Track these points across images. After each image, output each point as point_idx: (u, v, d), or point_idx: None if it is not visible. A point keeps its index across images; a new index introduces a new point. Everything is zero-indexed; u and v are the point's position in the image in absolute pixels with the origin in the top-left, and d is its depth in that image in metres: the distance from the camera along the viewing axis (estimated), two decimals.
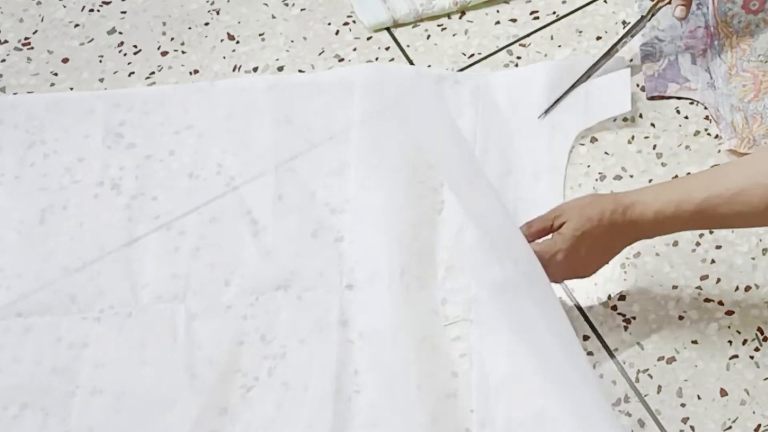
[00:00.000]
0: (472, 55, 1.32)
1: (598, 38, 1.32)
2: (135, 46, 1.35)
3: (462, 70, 1.31)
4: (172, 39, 1.36)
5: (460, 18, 1.36)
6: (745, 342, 1.10)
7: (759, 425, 1.05)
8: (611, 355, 1.10)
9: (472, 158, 1.10)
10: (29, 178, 1.24)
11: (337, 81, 1.30)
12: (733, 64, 1.25)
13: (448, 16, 1.36)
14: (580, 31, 1.32)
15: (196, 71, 1.33)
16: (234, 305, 1.15)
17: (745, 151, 1.20)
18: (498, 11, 1.35)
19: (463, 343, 1.11)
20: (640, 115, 1.26)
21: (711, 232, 1.16)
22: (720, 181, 1.00)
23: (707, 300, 1.12)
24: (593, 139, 1.24)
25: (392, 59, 1.32)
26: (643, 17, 1.26)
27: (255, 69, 1.33)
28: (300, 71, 1.32)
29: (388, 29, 1.35)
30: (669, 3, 1.25)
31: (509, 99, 1.27)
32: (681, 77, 1.27)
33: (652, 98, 1.26)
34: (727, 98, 1.23)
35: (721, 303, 1.12)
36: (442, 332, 1.12)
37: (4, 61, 1.35)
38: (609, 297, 1.13)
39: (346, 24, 1.36)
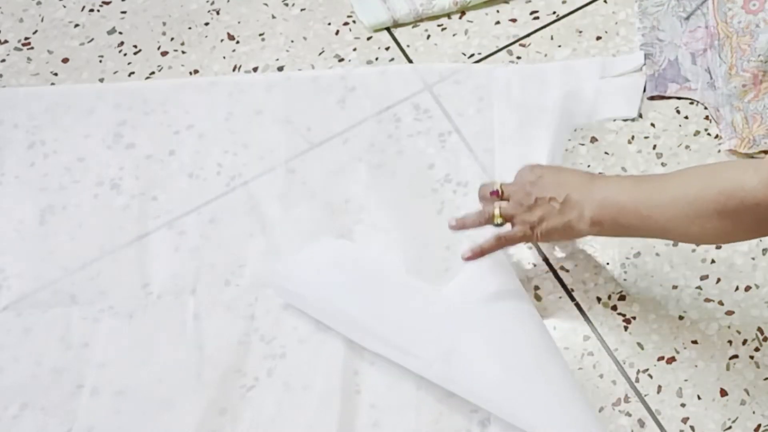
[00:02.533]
0: (472, 55, 1.32)
1: (598, 38, 1.32)
2: (135, 46, 1.35)
3: None
4: (172, 39, 1.36)
5: (460, 18, 1.35)
6: (745, 342, 1.10)
7: (759, 425, 1.05)
8: (611, 355, 1.10)
9: None
10: (29, 178, 1.24)
11: (337, 80, 1.30)
12: (733, 63, 1.25)
13: (448, 16, 1.36)
14: (580, 31, 1.32)
15: (196, 71, 1.33)
16: (234, 305, 1.15)
17: (745, 152, 1.20)
18: (498, 11, 1.35)
19: None
20: (640, 115, 1.25)
21: None
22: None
23: (707, 300, 1.12)
24: (593, 139, 1.24)
25: (392, 59, 1.32)
26: None
27: (255, 69, 1.33)
28: (300, 71, 1.32)
29: (388, 29, 1.35)
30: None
31: (522, 95, 1.27)
32: (681, 77, 1.27)
33: (652, 98, 1.26)
34: (727, 98, 1.23)
35: (721, 303, 1.12)
36: None
37: (4, 61, 1.35)
38: (609, 297, 1.13)
39: (346, 24, 1.36)
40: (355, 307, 1.11)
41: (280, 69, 1.33)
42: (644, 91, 1.27)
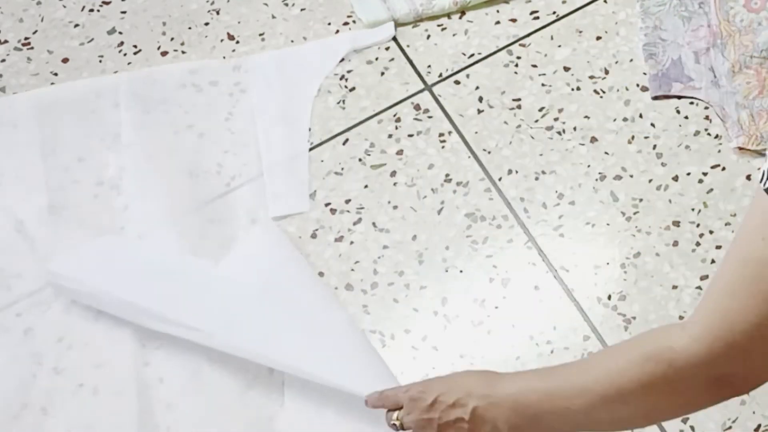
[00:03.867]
0: (472, 55, 1.32)
1: (598, 38, 1.32)
2: (135, 46, 1.35)
3: (462, 70, 1.31)
4: (172, 39, 1.36)
5: (460, 18, 1.35)
6: None
7: (759, 425, 1.05)
8: None
9: None
10: (29, 178, 1.24)
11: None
12: (736, 60, 1.24)
13: (448, 16, 1.36)
14: (580, 31, 1.32)
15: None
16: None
17: (754, 148, 1.20)
18: (498, 11, 1.35)
19: None
20: (640, 115, 1.25)
21: (711, 232, 1.16)
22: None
23: None
24: (593, 139, 1.24)
25: (392, 59, 1.32)
26: None
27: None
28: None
29: None
30: None
31: (281, 80, 1.30)
32: (685, 76, 1.27)
33: (655, 98, 1.26)
34: (732, 96, 1.23)
35: None
36: None
37: (4, 61, 1.35)
38: (609, 297, 1.13)
39: (346, 24, 1.36)
40: (136, 294, 1.11)
41: None
42: (647, 90, 1.27)
